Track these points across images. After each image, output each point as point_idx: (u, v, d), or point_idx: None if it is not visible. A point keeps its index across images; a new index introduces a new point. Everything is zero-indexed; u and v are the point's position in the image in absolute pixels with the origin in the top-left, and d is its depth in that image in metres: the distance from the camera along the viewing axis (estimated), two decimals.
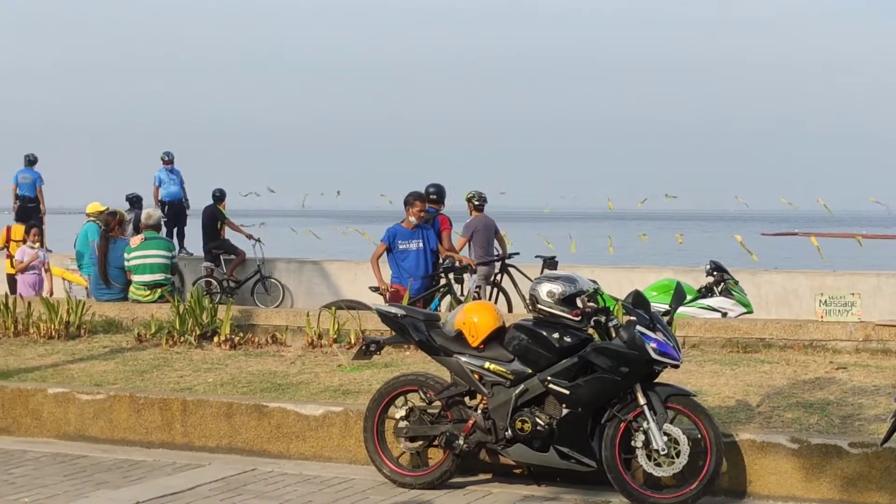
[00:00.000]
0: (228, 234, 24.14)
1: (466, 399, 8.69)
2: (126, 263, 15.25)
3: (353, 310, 13.02)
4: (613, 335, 8.32)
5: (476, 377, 8.53)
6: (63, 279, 19.82)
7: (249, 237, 23.61)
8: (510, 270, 19.03)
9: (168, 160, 25.54)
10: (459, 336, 8.64)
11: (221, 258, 23.01)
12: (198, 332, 12.60)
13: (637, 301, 8.36)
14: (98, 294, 15.61)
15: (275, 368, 11.27)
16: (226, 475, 9.04)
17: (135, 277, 15.18)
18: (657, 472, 8.09)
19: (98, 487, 8.69)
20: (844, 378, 10.04)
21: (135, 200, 24.53)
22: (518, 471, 8.78)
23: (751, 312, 15.48)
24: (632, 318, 8.26)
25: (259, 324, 13.14)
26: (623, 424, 8.14)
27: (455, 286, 15.77)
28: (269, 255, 23.39)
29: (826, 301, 16.68)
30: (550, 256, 18.73)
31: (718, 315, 14.93)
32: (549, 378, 8.25)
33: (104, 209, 17.15)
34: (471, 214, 18.84)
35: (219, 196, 23.88)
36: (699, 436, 8.05)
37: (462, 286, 16.10)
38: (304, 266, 22.88)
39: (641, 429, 8.09)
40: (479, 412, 8.53)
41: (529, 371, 8.37)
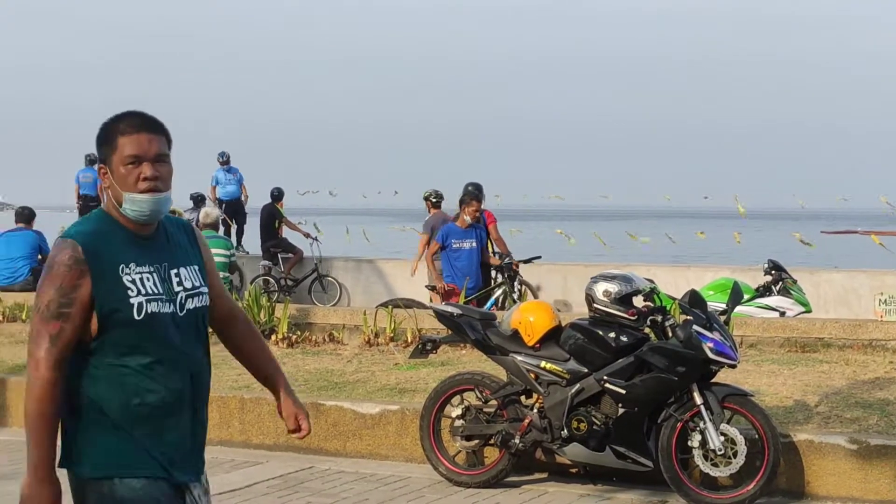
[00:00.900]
0: (286, 233, 24.26)
1: (522, 398, 8.70)
2: None
3: (410, 308, 13.06)
4: (670, 335, 8.29)
5: (532, 376, 8.54)
6: None
7: (307, 236, 23.71)
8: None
9: (223, 161, 25.74)
10: (515, 335, 8.65)
11: (279, 257, 23.14)
12: None
13: (694, 300, 8.33)
14: None
15: (332, 367, 11.33)
16: (283, 473, 9.11)
17: None
18: (714, 473, 8.06)
19: None
20: None
21: (198, 199, 24.73)
22: (574, 470, 8.77)
23: (809, 312, 15.36)
24: (688, 318, 8.23)
25: (316, 322, 13.21)
26: (679, 424, 8.12)
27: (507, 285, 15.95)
28: (327, 254, 23.49)
29: (886, 300, 16.54)
30: (535, 256, 19.31)
31: (776, 314, 14.83)
32: (606, 377, 8.24)
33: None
34: (429, 212, 19.21)
35: (276, 195, 24.00)
36: (756, 436, 8.01)
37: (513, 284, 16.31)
38: (361, 265, 22.95)
39: (698, 429, 8.06)
40: (535, 411, 8.53)
41: (585, 370, 8.36)
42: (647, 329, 8.43)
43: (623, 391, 8.17)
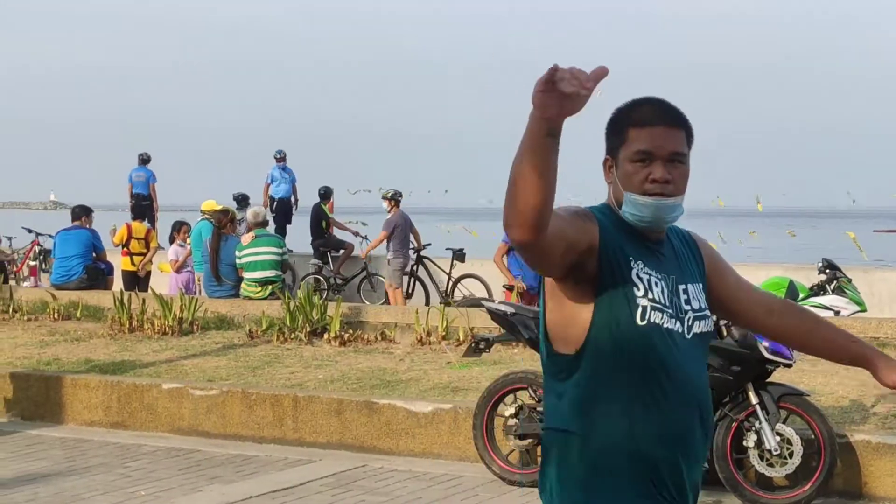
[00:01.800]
0: (336, 231, 24.29)
1: None
2: (237, 261, 15.44)
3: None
4: (725, 334, 8.23)
5: None
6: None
7: (356, 234, 23.75)
8: (425, 262, 21.48)
9: (280, 157, 25.81)
10: None
11: (329, 255, 23.18)
12: (308, 329, 12.72)
13: None
14: (210, 291, 15.83)
15: (384, 365, 11.35)
16: (336, 471, 9.13)
17: (246, 274, 15.36)
18: (769, 473, 8.01)
19: (212, 482, 8.82)
20: None
21: (241, 200, 24.81)
22: None
23: (864, 311, 15.21)
24: None
25: (368, 321, 13.23)
26: (735, 424, 8.07)
27: None
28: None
29: None
30: (458, 248, 21.23)
31: (831, 313, 14.69)
32: None
33: (219, 208, 17.38)
34: (389, 210, 20.67)
35: (324, 194, 23.99)
36: (812, 436, 7.95)
37: None
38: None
39: (753, 428, 8.00)
40: None
41: None
42: None
43: None
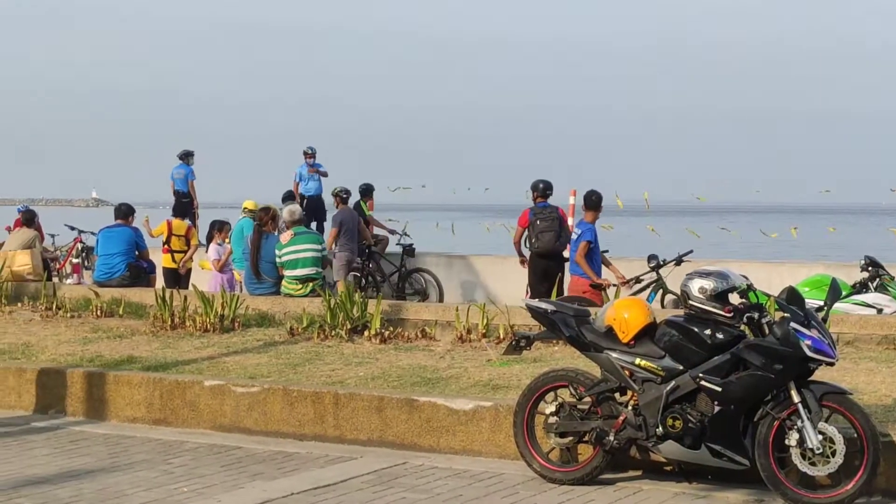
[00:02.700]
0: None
1: (617, 395, 8.66)
2: (278, 259, 15.51)
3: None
4: (766, 332, 8.19)
5: (626, 373, 8.50)
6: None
7: (393, 233, 23.82)
8: (375, 257, 22.78)
9: (310, 154, 25.82)
10: (610, 332, 8.61)
11: (367, 252, 23.23)
12: (349, 327, 12.76)
13: (791, 297, 8.23)
14: (251, 288, 15.91)
15: (424, 363, 11.36)
16: (377, 468, 9.15)
17: (287, 272, 15.43)
18: (812, 472, 7.96)
19: (253, 478, 8.86)
20: None
21: (289, 198, 24.86)
22: (669, 468, 8.71)
23: None
24: (786, 315, 8.14)
25: (408, 318, 13.26)
26: (776, 423, 8.03)
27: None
28: (421, 250, 23.55)
29: None
30: (409, 244, 22.81)
31: (873, 311, 14.63)
32: (701, 375, 8.18)
33: (263, 206, 17.47)
34: (336, 207, 21.59)
35: (363, 190, 24.04)
36: (855, 435, 7.89)
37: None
38: (453, 261, 23.00)
39: (795, 427, 7.96)
40: (630, 408, 8.49)
41: (681, 367, 8.31)
42: (743, 326, 8.35)
43: (719, 389, 8.10)
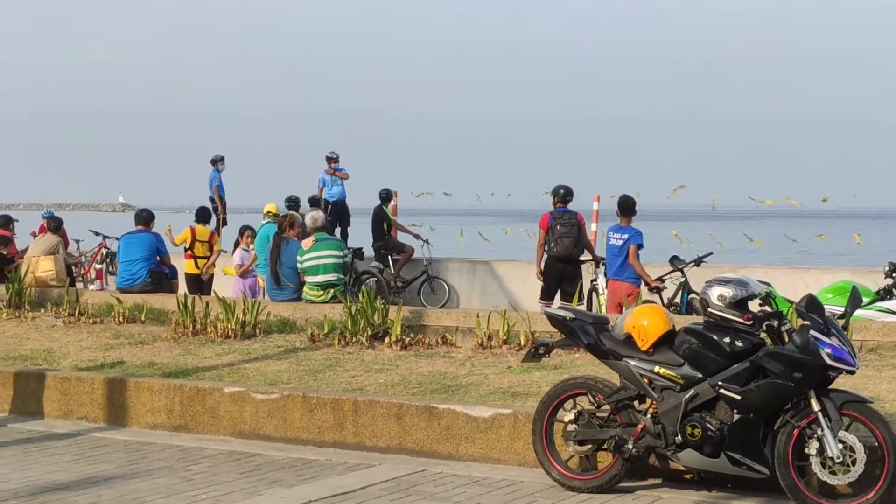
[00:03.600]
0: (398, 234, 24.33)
1: (636, 403, 8.63)
2: (299, 265, 15.52)
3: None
4: (786, 340, 8.16)
5: (645, 381, 8.47)
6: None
7: (417, 237, 23.78)
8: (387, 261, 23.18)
9: (333, 158, 25.78)
10: (629, 339, 8.59)
11: (389, 258, 23.24)
12: (369, 333, 12.75)
13: (811, 305, 8.19)
14: (272, 294, 15.93)
15: (444, 370, 11.35)
16: (396, 475, 9.14)
17: (308, 278, 15.44)
18: (832, 481, 7.91)
19: (272, 485, 8.87)
20: None
21: (313, 202, 24.84)
22: (688, 476, 8.68)
23: None
24: (805, 323, 8.10)
25: (429, 324, 13.25)
26: (796, 431, 7.99)
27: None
28: (440, 256, 23.55)
29: None
30: (358, 248, 23.18)
31: None
32: (720, 383, 8.14)
33: (284, 213, 17.50)
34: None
35: (385, 196, 23.99)
36: (876, 443, 7.84)
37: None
38: (476, 266, 22.98)
39: (815, 436, 7.92)
40: (649, 416, 8.46)
41: (700, 375, 8.28)
42: (763, 334, 8.31)
43: (738, 397, 8.07)
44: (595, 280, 18.30)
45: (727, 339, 8.19)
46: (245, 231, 19.95)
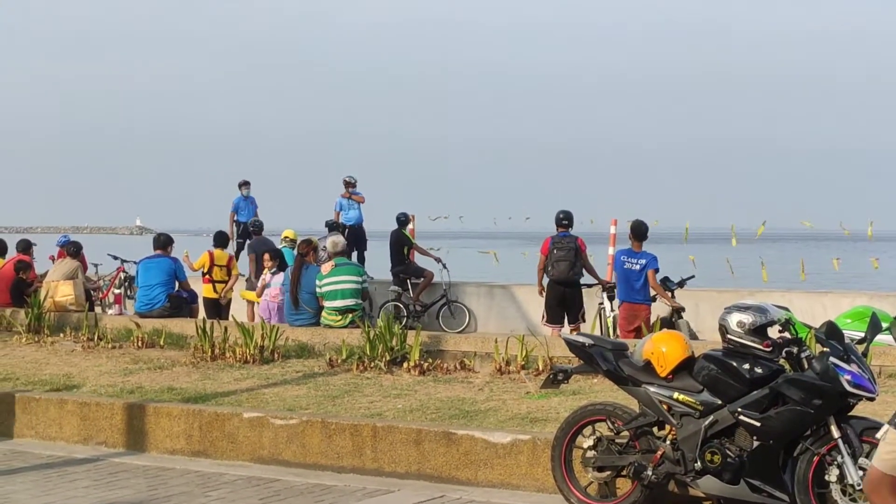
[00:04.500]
0: (417, 258, 24.29)
1: (655, 429, 8.62)
2: (318, 290, 15.55)
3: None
4: (806, 366, 8.14)
5: (664, 407, 8.46)
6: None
7: (438, 260, 23.73)
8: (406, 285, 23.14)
9: (351, 183, 25.74)
10: (647, 366, 8.58)
11: (408, 282, 23.22)
12: (388, 358, 12.77)
13: (830, 331, 8.18)
14: (291, 319, 15.96)
15: (463, 395, 11.35)
16: (415, 501, 9.14)
17: (326, 303, 15.46)
18: None
19: None
20: None
21: (333, 226, 24.85)
22: (707, 503, 8.66)
23: None
24: (825, 350, 8.08)
25: (448, 349, 13.26)
26: (816, 458, 7.97)
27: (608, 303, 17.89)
28: (458, 280, 23.55)
29: None
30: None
31: None
32: (740, 409, 8.13)
33: (304, 238, 17.54)
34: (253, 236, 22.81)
35: (402, 220, 23.97)
36: None
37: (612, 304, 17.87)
38: (494, 290, 22.95)
39: (835, 463, 7.90)
40: (668, 443, 8.44)
41: (719, 402, 8.26)
42: (783, 360, 8.30)
43: (758, 423, 8.05)
44: (602, 304, 18.34)
45: (746, 366, 8.18)
46: (264, 253, 19.95)
